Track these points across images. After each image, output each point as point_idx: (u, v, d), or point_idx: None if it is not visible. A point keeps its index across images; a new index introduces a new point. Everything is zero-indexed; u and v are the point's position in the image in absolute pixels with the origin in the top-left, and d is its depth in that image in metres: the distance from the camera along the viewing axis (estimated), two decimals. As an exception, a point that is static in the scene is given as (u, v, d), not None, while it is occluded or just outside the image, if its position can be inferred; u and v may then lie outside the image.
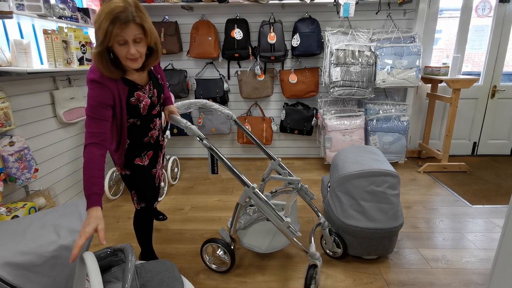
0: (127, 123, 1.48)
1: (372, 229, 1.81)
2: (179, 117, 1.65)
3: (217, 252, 1.92)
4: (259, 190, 2.10)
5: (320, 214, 1.90)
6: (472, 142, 4.00)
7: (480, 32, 3.71)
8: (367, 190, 1.83)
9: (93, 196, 1.15)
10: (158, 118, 1.63)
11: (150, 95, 1.51)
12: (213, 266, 1.93)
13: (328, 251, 2.05)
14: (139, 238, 1.84)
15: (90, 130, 1.26)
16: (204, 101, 1.95)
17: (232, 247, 1.84)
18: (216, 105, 1.96)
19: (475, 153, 4.04)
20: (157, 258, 1.94)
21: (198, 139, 1.62)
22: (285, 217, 1.56)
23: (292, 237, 1.58)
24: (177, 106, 1.84)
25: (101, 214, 1.13)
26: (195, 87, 3.62)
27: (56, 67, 2.21)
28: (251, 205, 2.00)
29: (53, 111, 2.40)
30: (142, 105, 1.47)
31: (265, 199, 1.58)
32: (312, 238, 1.78)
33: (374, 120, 3.45)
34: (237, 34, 3.36)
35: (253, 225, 1.95)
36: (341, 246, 1.95)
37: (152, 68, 1.53)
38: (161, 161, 1.78)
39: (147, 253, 1.89)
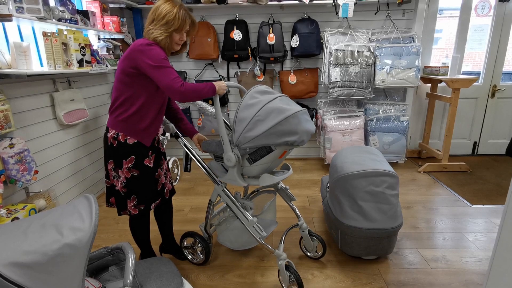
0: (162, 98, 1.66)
1: (371, 230, 1.81)
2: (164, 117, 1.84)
3: (196, 245, 2.00)
4: (245, 187, 2.13)
5: (300, 216, 1.91)
6: (472, 141, 3.99)
7: (479, 32, 3.71)
8: (366, 190, 1.83)
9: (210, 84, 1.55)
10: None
11: None
12: (189, 257, 2.01)
13: (309, 253, 2.05)
14: (138, 240, 1.84)
15: (175, 75, 1.47)
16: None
17: (206, 241, 1.90)
18: (204, 104, 2.13)
19: (475, 153, 4.03)
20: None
21: (175, 137, 1.82)
22: (252, 216, 1.62)
23: (257, 236, 1.62)
24: None
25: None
26: (195, 88, 3.63)
27: (55, 69, 2.22)
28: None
29: (53, 113, 2.42)
30: None
31: (233, 198, 1.67)
32: (283, 238, 1.79)
33: (374, 120, 3.45)
34: (237, 35, 3.37)
35: (233, 223, 2.03)
36: (322, 248, 1.99)
37: None
38: (164, 166, 1.81)
39: (147, 254, 1.89)
